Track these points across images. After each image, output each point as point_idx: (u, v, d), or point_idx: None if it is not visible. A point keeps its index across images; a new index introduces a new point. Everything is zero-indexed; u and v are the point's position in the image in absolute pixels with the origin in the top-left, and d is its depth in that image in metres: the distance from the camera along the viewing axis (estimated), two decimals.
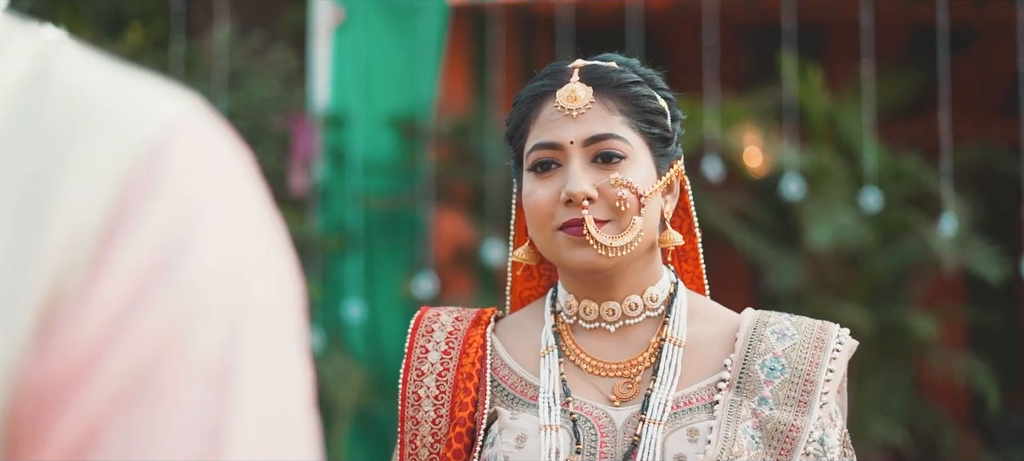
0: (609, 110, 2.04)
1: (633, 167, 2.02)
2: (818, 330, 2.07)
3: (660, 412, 2.00)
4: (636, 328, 2.10)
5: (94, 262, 0.79)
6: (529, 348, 2.13)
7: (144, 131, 0.82)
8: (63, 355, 0.78)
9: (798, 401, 1.99)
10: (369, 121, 8.47)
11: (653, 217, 2.05)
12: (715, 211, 8.19)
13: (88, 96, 0.82)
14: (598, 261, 2.00)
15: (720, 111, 8.16)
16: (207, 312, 0.81)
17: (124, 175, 0.80)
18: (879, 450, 8.23)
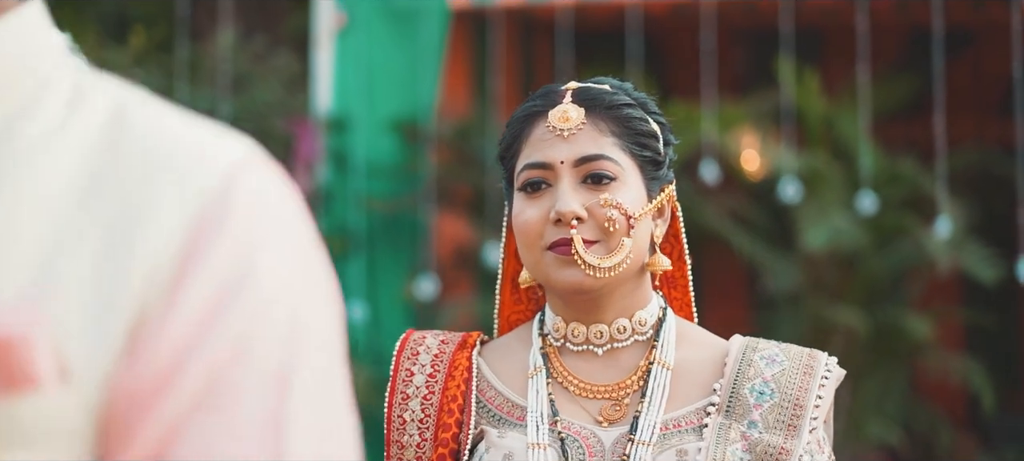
0: (600, 131, 2.03)
1: (623, 189, 2.01)
2: (807, 357, 2.07)
3: (649, 433, 1.99)
4: (624, 351, 2.09)
5: (173, 286, 0.93)
6: (516, 370, 2.11)
7: (212, 173, 0.97)
8: (148, 365, 0.92)
9: (788, 425, 1.99)
10: (371, 124, 8.54)
11: (642, 240, 2.04)
12: (713, 214, 8.27)
13: (162, 141, 0.97)
14: (585, 281, 1.99)
15: (718, 114, 8.23)
16: (267, 329, 0.95)
17: (196, 212, 0.95)
18: (875, 450, 8.32)
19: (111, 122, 0.99)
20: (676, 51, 9.87)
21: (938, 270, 7.96)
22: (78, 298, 0.91)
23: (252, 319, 0.93)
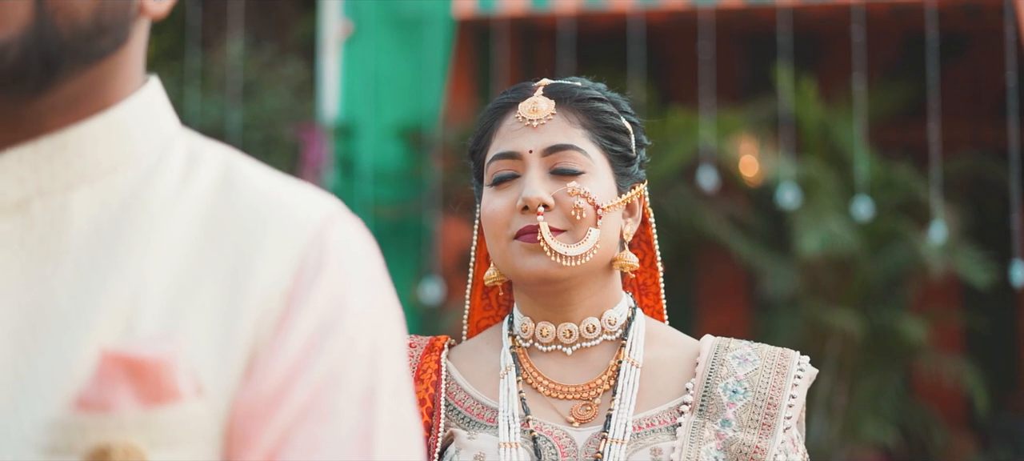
0: (570, 123, 2.01)
1: (592, 180, 1.99)
2: (780, 356, 2.03)
3: (622, 432, 1.96)
4: (593, 351, 2.06)
5: (282, 320, 1.15)
6: (486, 372, 2.08)
7: (309, 226, 1.18)
8: (263, 385, 1.14)
9: (762, 424, 1.96)
10: (377, 131, 8.69)
11: (610, 234, 2.01)
12: (712, 219, 8.42)
13: (266, 199, 1.18)
14: (551, 270, 1.96)
15: (716, 122, 8.36)
16: (356, 355, 1.17)
17: (298, 259, 1.16)
18: (871, 450, 8.47)
19: (221, 183, 1.21)
20: (676, 59, 10.00)
21: (932, 274, 8.10)
22: (205, 332, 1.13)
23: (345, 347, 1.16)
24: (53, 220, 1.17)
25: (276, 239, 1.16)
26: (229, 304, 1.14)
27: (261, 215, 1.16)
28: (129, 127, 1.21)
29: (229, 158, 1.22)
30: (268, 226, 1.16)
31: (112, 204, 1.18)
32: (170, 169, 1.21)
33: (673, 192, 8.41)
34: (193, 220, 1.18)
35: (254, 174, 1.21)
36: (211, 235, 1.17)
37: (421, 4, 8.86)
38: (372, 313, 1.19)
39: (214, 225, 1.17)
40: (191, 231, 1.17)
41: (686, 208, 8.35)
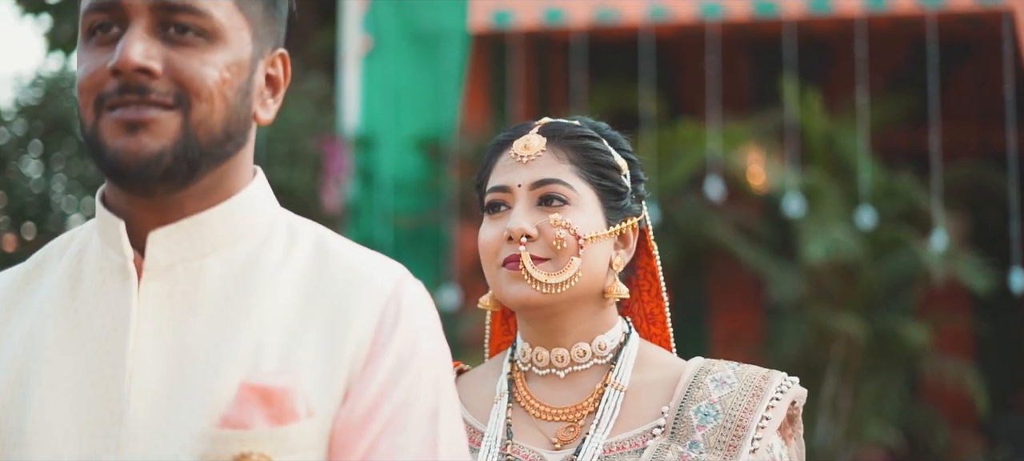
0: (558, 159, 2.11)
1: (576, 212, 2.08)
2: (760, 379, 2.07)
3: (591, 455, 2.04)
4: (584, 374, 2.14)
5: (369, 359, 1.53)
6: (485, 396, 2.19)
7: (386, 287, 1.56)
8: (356, 408, 1.53)
9: (728, 445, 2.00)
10: (396, 143, 8.97)
11: (596, 264, 2.10)
12: (719, 227, 8.66)
13: (352, 265, 1.56)
14: (532, 296, 2.06)
15: (724, 133, 8.60)
16: (425, 383, 1.56)
17: (380, 313, 1.54)
18: (875, 450, 8.70)
19: (316, 253, 1.61)
20: (685, 71, 10.23)
21: (934, 280, 8.30)
22: (312, 368, 1.54)
23: (416, 379, 1.57)
24: (192, 280, 1.58)
25: (363, 300, 1.56)
26: (330, 348, 1.54)
27: (350, 280, 1.58)
28: (245, 210, 1.62)
29: (319, 232, 1.64)
30: (356, 290, 1.57)
31: (235, 268, 1.58)
32: (277, 241, 1.62)
33: (682, 201, 8.66)
34: (297, 281, 1.58)
35: (341, 246, 1.62)
36: (311, 295, 1.57)
37: (438, 19, 9.10)
38: (434, 352, 1.60)
39: (314, 287, 1.58)
40: (296, 290, 1.58)
41: (695, 216, 8.59)
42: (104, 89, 1.52)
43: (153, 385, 1.54)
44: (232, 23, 1.57)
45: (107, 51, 1.53)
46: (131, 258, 1.58)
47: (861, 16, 8.36)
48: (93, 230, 1.65)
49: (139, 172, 1.52)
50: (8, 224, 8.66)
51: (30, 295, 1.65)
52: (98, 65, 1.53)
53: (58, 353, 1.57)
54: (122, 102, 1.51)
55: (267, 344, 1.54)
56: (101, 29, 1.55)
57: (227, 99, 1.56)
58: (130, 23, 1.53)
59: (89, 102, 1.54)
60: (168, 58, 1.52)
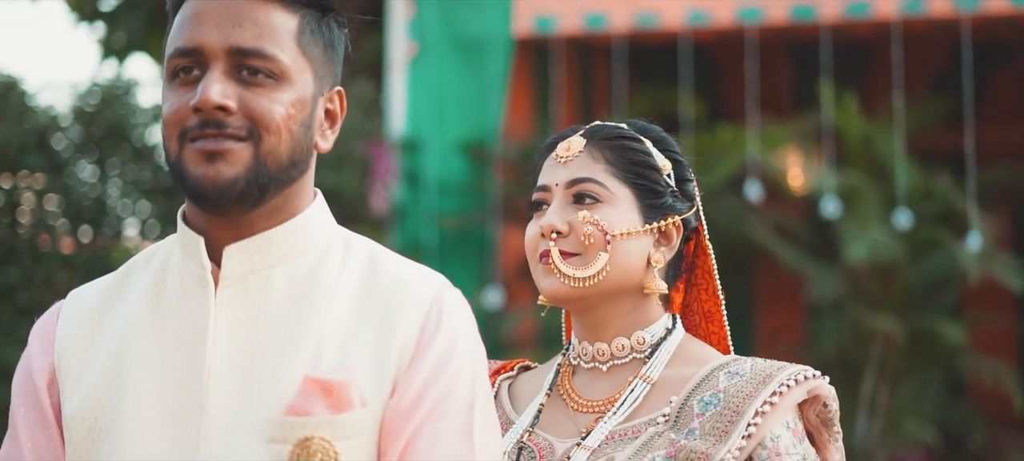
0: (594, 159, 2.18)
1: (607, 209, 2.15)
2: (775, 370, 2.09)
3: (595, 440, 2.10)
4: (624, 368, 2.20)
5: (414, 357, 1.76)
6: (536, 390, 2.28)
7: (429, 295, 1.78)
8: (402, 400, 1.75)
9: (722, 431, 2.03)
10: (441, 146, 9.14)
11: (628, 259, 2.15)
12: (760, 229, 8.78)
13: (399, 276, 1.78)
14: (560, 290, 2.15)
15: (763, 136, 8.71)
16: (462, 378, 1.79)
17: (423, 317, 1.77)
18: (913, 448, 8.79)
19: (368, 265, 1.85)
20: (725, 75, 10.33)
21: (970, 280, 8.37)
22: (366, 365, 1.78)
23: (455, 375, 1.81)
24: (261, 288, 1.83)
25: (408, 307, 1.82)
26: (380, 348, 1.80)
27: (398, 289, 1.84)
28: (307, 228, 1.87)
29: (371, 247, 1.90)
30: (402, 298, 1.83)
31: (298, 278, 1.84)
32: (334, 255, 1.87)
33: (721, 203, 8.79)
34: (352, 291, 1.83)
35: (389, 260, 1.88)
36: (364, 302, 1.82)
37: (482, 26, 9.26)
38: (470, 352, 1.85)
39: (366, 295, 1.83)
40: (351, 298, 1.83)
41: (735, 218, 8.72)
42: (187, 124, 1.78)
43: (228, 379, 1.79)
44: (296, 66, 1.82)
45: (189, 91, 1.79)
46: (209, 269, 1.83)
47: (897, 20, 8.45)
48: (174, 244, 1.90)
49: (217, 195, 1.78)
50: (66, 227, 8.88)
51: (120, 302, 1.90)
52: (181, 103, 1.79)
53: (146, 352, 1.82)
54: (202, 135, 1.77)
55: (326, 344, 1.79)
56: (183, 71, 1.81)
57: (292, 132, 1.81)
58: (209, 67, 1.78)
59: (173, 135, 1.80)
60: (241, 97, 1.78)
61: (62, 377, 1.87)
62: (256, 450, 1.74)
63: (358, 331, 1.80)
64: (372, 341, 1.79)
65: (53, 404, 1.87)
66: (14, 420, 1.90)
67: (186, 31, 1.81)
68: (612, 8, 8.97)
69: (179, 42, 1.81)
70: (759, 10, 8.71)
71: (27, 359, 1.92)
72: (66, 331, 1.90)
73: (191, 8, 1.83)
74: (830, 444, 2.14)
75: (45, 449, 1.87)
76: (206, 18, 1.81)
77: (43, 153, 8.71)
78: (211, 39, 1.79)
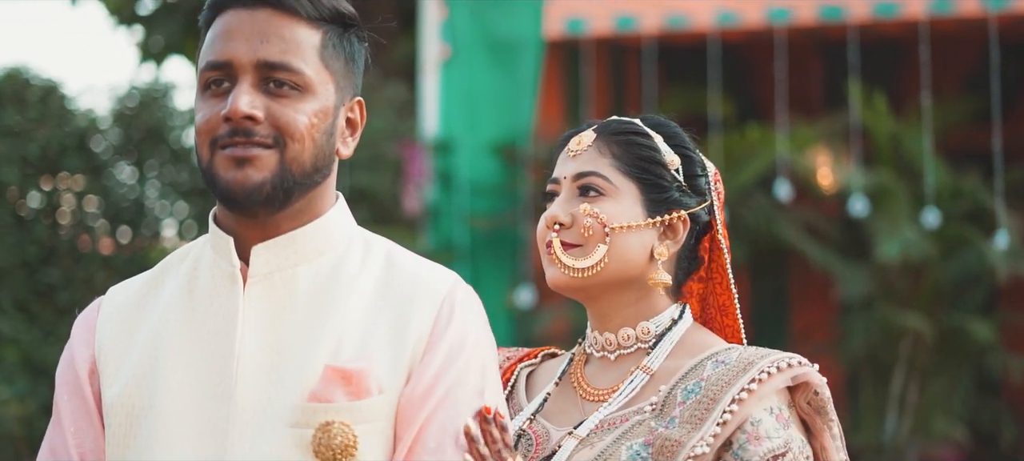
0: (602, 154, 2.21)
1: (609, 202, 2.18)
2: (758, 357, 2.10)
3: (586, 429, 2.14)
4: (630, 357, 2.23)
5: (427, 349, 1.88)
6: (552, 378, 2.32)
7: (442, 290, 1.91)
8: (417, 387, 1.88)
9: (697, 419, 2.05)
10: (474, 147, 9.24)
11: (628, 251, 2.19)
12: (790, 227, 8.84)
13: (415, 273, 1.90)
14: (561, 279, 2.20)
15: (792, 135, 8.76)
16: (473, 368, 1.92)
17: (436, 311, 1.89)
18: (942, 446, 8.83)
19: (386, 262, 1.99)
20: (754, 75, 10.38)
21: (999, 278, 8.40)
22: (382, 356, 1.92)
23: (465, 364, 1.95)
24: (286, 285, 1.98)
25: (422, 302, 1.97)
26: (397, 340, 1.93)
27: (413, 285, 2.00)
28: (329, 228, 2.00)
29: (389, 246, 2.05)
30: (417, 294, 1.98)
31: (321, 276, 1.98)
32: (354, 254, 2.01)
33: (752, 202, 8.85)
34: (371, 286, 1.98)
35: (405, 258, 2.03)
36: (382, 297, 1.97)
37: (514, 27, 9.36)
38: (480, 343, 2.00)
39: (384, 291, 1.98)
40: (370, 293, 1.97)
41: (764, 217, 8.78)
42: (217, 132, 1.92)
43: (256, 369, 1.93)
44: (319, 78, 1.96)
45: (220, 101, 1.93)
46: (239, 267, 1.98)
47: (925, 19, 8.49)
48: (205, 244, 2.05)
49: (246, 198, 1.92)
50: (105, 228, 9.03)
51: (155, 298, 2.05)
52: (213, 113, 1.93)
53: (180, 344, 1.97)
54: (232, 142, 1.91)
55: (346, 336, 1.93)
56: (215, 84, 1.95)
57: (315, 140, 1.94)
58: (238, 79, 1.92)
59: (205, 142, 1.94)
60: (268, 107, 1.92)
61: (102, 367, 2.02)
62: (281, 434, 1.88)
63: (376, 324, 1.94)
64: (389, 333, 1.94)
65: (94, 392, 2.02)
66: (58, 408, 2.04)
67: (218, 46, 1.95)
68: (642, 9, 9.05)
69: (211, 56, 1.95)
70: (788, 10, 8.77)
71: (70, 351, 2.07)
72: (106, 325, 2.05)
73: (222, 25, 1.97)
74: (825, 432, 2.15)
75: (87, 434, 2.02)
76: (236, 34, 1.94)
77: (83, 155, 8.87)
78: (240, 53, 1.93)
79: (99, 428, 2.01)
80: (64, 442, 2.02)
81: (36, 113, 8.70)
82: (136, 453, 1.94)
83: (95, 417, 2.01)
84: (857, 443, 8.90)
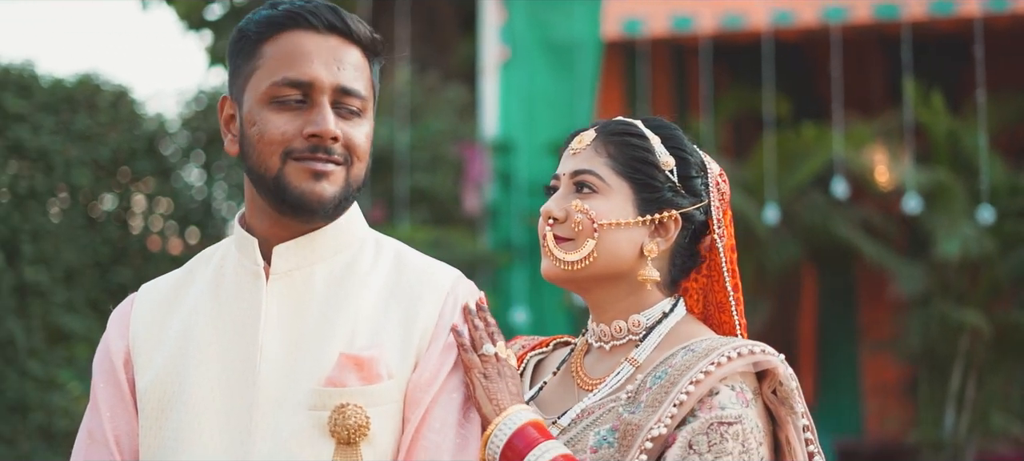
0: (597, 152, 2.28)
1: (600, 200, 2.25)
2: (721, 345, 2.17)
3: (567, 419, 2.24)
4: (622, 349, 2.30)
5: (433, 339, 2.07)
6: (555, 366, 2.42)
7: (445, 285, 2.09)
8: (422, 375, 2.07)
9: (658, 402, 2.11)
10: (532, 148, 9.37)
11: (616, 247, 2.26)
12: (846, 225, 8.87)
13: (421, 269, 2.09)
14: (549, 270, 2.30)
15: (848, 133, 8.80)
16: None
17: (440, 304, 2.09)
18: (1001, 442, 8.82)
19: (395, 261, 2.17)
20: (810, 73, 10.41)
21: None
22: (393, 344, 2.11)
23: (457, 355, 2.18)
24: (305, 281, 2.15)
25: (428, 296, 2.17)
26: (405, 331, 2.11)
27: (420, 281, 2.19)
28: (344, 229, 2.18)
29: (397, 246, 2.23)
30: (424, 289, 2.18)
31: (336, 273, 2.16)
32: (367, 253, 2.20)
33: (808, 199, 8.90)
34: (382, 282, 2.16)
35: (413, 256, 2.22)
36: (391, 292, 2.15)
37: (572, 29, 9.47)
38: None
39: (393, 287, 2.16)
40: (381, 288, 2.16)
41: (820, 214, 8.82)
42: (293, 145, 2.10)
43: (277, 358, 2.11)
44: (370, 102, 2.16)
45: (294, 116, 2.11)
46: (262, 266, 2.16)
47: (980, 16, 8.49)
48: (231, 245, 2.25)
49: (319, 208, 2.11)
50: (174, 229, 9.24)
51: (185, 293, 2.24)
52: (290, 126, 2.10)
53: (208, 336, 2.15)
54: (312, 157, 2.10)
55: (359, 327, 2.11)
56: (291, 99, 2.10)
57: (368, 158, 2.15)
58: (317, 99, 2.10)
59: (276, 153, 2.11)
60: (341, 127, 2.10)
61: (136, 357, 2.20)
62: (300, 417, 2.06)
63: (387, 315, 2.13)
64: (398, 324, 2.12)
65: (128, 380, 2.20)
66: (95, 395, 2.23)
67: (298, 66, 2.10)
68: (699, 9, 9.13)
69: (290, 74, 2.10)
70: (843, 9, 8.81)
71: (106, 341, 2.26)
72: (139, 318, 2.24)
73: (292, 44, 2.12)
74: (789, 424, 2.18)
75: (121, 419, 2.19)
76: (314, 57, 2.10)
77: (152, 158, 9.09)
78: (322, 76, 2.09)
79: (133, 413, 2.19)
80: (101, 426, 2.19)
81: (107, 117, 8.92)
82: (168, 434, 2.12)
83: (129, 403, 2.19)
84: (915, 440, 8.93)
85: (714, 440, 2.09)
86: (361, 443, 2.05)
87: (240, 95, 2.16)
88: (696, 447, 2.08)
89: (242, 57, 2.16)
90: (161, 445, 2.13)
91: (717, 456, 2.08)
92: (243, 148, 2.16)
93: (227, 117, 2.21)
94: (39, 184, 8.40)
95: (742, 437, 2.10)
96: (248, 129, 2.13)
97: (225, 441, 2.09)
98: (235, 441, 2.08)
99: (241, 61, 2.16)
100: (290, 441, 2.05)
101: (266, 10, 2.16)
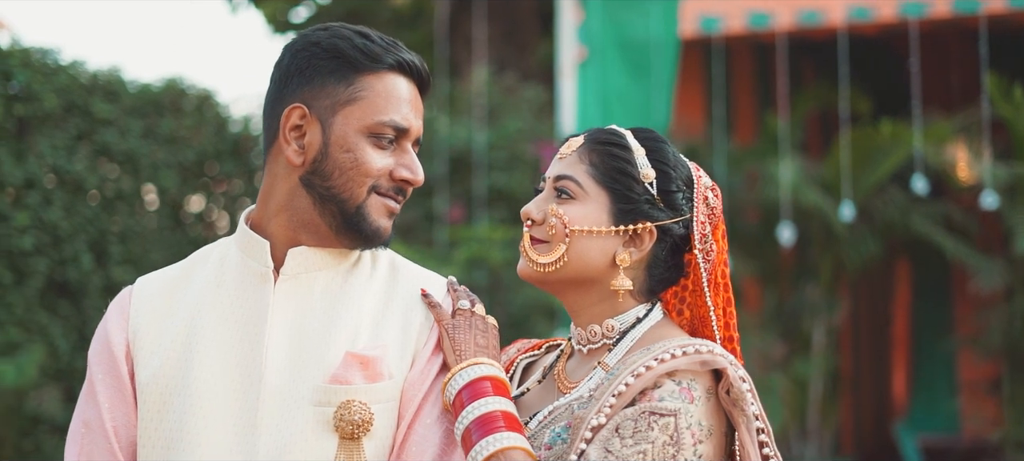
0: (581, 160, 2.33)
1: (576, 206, 2.31)
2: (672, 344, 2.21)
3: (537, 420, 2.31)
4: (597, 352, 2.35)
5: (426, 340, 2.19)
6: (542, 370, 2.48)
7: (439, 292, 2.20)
8: (417, 374, 2.19)
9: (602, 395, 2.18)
10: None
11: (588, 253, 2.31)
12: (924, 222, 8.81)
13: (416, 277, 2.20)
14: (524, 270, 2.37)
15: (927, 130, 8.74)
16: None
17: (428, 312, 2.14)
18: None
19: (391, 269, 2.30)
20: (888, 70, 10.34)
21: None
22: (391, 346, 2.26)
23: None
24: (309, 285, 2.27)
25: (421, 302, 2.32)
26: (403, 333, 2.24)
27: (415, 288, 2.34)
28: None
29: (392, 256, 2.37)
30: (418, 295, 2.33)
31: (338, 278, 2.29)
32: (365, 262, 2.33)
33: (887, 196, 8.85)
34: (380, 288, 2.30)
35: (406, 265, 2.36)
36: (389, 297, 2.28)
37: (648, 28, 9.48)
38: None
39: (391, 292, 2.30)
40: (380, 294, 2.29)
41: (900, 211, 8.76)
42: (379, 181, 2.26)
43: (283, 356, 2.22)
44: None
45: (386, 153, 2.26)
46: (272, 268, 2.27)
47: None
48: (230, 244, 2.37)
49: (381, 242, 2.27)
50: None
51: (186, 288, 2.34)
52: (384, 164, 2.25)
53: (211, 333, 2.25)
54: (395, 197, 2.27)
55: (361, 328, 2.24)
56: (386, 139, 2.24)
57: None
58: (405, 146, 2.28)
59: (365, 184, 2.25)
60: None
61: (137, 349, 2.28)
62: (305, 412, 2.17)
63: (386, 319, 2.27)
64: (396, 327, 2.26)
65: (129, 372, 2.27)
66: (93, 385, 2.28)
67: (400, 111, 2.25)
68: (775, 7, 9.11)
69: (396, 118, 2.25)
70: (922, 4, 8.74)
71: (105, 333, 2.32)
72: (139, 310, 2.32)
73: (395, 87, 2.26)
74: (741, 426, 2.19)
75: (120, 410, 2.26)
76: (410, 105, 2.27)
77: (237, 161, 9.28)
78: (415, 126, 2.28)
79: (132, 404, 2.26)
80: (98, 416, 2.25)
81: (192, 121, 9.13)
82: (171, 427, 2.20)
83: (129, 394, 2.26)
84: (998, 439, 8.84)
85: (640, 427, 2.11)
86: (363, 438, 2.15)
87: (328, 115, 2.22)
88: (621, 431, 2.11)
89: (335, 78, 2.23)
90: (163, 437, 2.19)
91: (637, 442, 2.11)
92: (320, 166, 2.22)
93: (293, 126, 2.24)
94: (127, 186, 8.62)
95: (673, 430, 2.12)
96: (338, 153, 2.21)
97: (231, 434, 2.18)
98: (241, 434, 2.17)
99: (334, 82, 2.23)
100: (295, 435, 2.15)
101: (362, 40, 2.24)
